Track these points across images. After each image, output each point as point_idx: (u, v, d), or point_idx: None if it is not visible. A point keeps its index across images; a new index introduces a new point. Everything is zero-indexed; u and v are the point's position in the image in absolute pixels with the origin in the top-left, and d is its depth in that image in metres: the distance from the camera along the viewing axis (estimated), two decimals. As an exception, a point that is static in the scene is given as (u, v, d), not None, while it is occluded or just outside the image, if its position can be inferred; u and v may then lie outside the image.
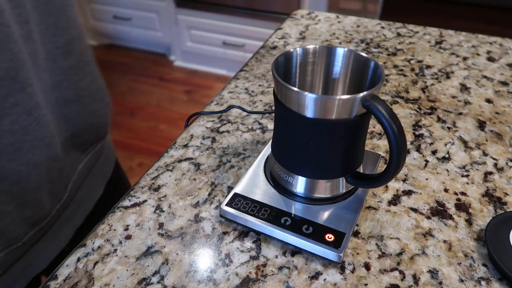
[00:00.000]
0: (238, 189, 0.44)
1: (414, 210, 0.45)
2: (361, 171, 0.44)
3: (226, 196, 0.43)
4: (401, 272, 0.38)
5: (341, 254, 0.38)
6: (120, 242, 0.41)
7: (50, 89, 0.49)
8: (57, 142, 0.50)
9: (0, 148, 0.42)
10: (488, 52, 0.78)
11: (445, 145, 0.54)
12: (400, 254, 0.40)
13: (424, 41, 0.82)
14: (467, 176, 0.49)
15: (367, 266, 0.39)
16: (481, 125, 0.58)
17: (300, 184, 0.42)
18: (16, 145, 0.43)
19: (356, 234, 0.42)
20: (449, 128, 0.58)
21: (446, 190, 0.47)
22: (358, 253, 0.40)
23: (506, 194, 0.47)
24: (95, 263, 0.39)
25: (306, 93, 0.35)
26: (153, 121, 2.12)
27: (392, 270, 0.39)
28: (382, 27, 0.88)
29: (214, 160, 0.51)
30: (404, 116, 0.60)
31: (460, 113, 0.61)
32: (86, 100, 0.56)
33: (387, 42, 0.82)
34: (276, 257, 0.40)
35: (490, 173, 0.50)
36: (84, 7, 2.62)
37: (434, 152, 0.53)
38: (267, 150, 0.49)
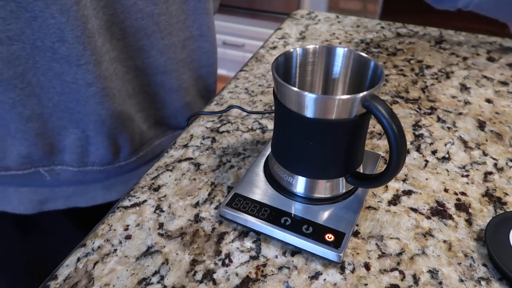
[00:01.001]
0: (238, 189, 0.44)
1: (414, 210, 0.45)
2: (361, 171, 0.44)
3: (226, 196, 0.43)
4: (401, 272, 0.38)
5: (341, 254, 0.38)
6: (120, 242, 0.41)
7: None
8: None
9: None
10: (488, 52, 0.78)
11: (445, 145, 0.55)
12: (400, 254, 0.40)
13: (424, 41, 0.82)
14: (467, 176, 0.49)
15: (367, 266, 0.39)
16: (481, 125, 0.58)
17: (300, 184, 0.42)
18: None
19: (356, 234, 0.42)
20: (449, 128, 0.58)
21: (446, 190, 0.47)
22: (358, 253, 0.40)
23: (506, 194, 0.47)
24: (95, 263, 0.39)
25: (306, 93, 0.35)
26: (153, 121, 2.12)
27: (392, 270, 0.39)
28: (382, 27, 0.88)
29: (214, 160, 0.51)
30: (404, 116, 0.60)
31: (460, 113, 0.61)
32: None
33: (387, 42, 0.82)
34: (276, 257, 0.40)
35: (490, 173, 0.50)
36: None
37: (434, 152, 0.53)
38: (267, 150, 0.49)
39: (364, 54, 0.41)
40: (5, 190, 0.57)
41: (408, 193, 0.47)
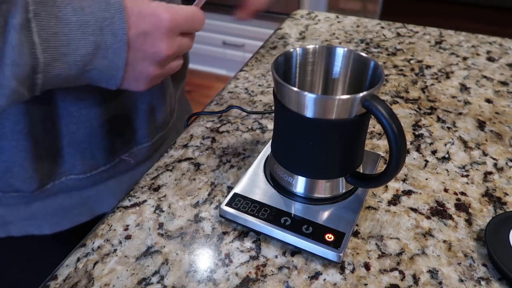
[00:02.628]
0: (238, 189, 0.44)
1: (414, 210, 0.45)
2: (361, 171, 0.44)
3: (226, 196, 0.43)
4: (401, 272, 0.38)
5: (341, 254, 0.38)
6: (120, 242, 0.41)
7: None
8: None
9: None
10: (488, 52, 0.78)
11: (445, 145, 0.55)
12: (400, 254, 0.40)
13: (424, 41, 0.82)
14: (467, 176, 0.49)
15: (367, 266, 0.39)
16: (481, 125, 0.58)
17: (300, 184, 0.42)
18: None
19: (356, 234, 0.42)
20: (449, 128, 0.58)
21: (446, 190, 0.47)
22: (358, 253, 0.40)
23: (506, 194, 0.47)
24: (95, 263, 0.39)
25: (306, 93, 0.35)
26: (153, 121, 2.12)
27: (392, 270, 0.39)
28: (382, 27, 0.88)
29: (214, 160, 0.51)
30: (404, 116, 0.60)
31: (460, 113, 0.61)
32: None
33: (387, 42, 0.82)
34: (276, 257, 0.40)
35: (490, 173, 0.50)
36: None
37: (434, 152, 0.53)
38: (267, 150, 0.49)
39: (364, 54, 0.41)
40: None
41: (408, 193, 0.47)
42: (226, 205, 0.42)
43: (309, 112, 0.37)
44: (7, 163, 0.47)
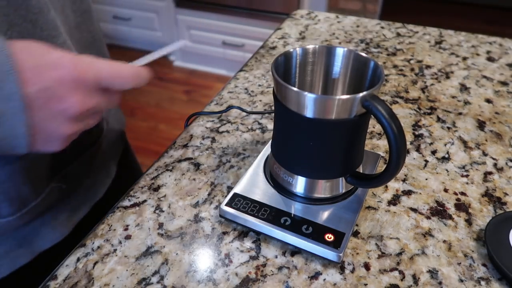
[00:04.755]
0: (238, 189, 0.44)
1: (414, 210, 0.45)
2: (361, 171, 0.44)
3: (226, 196, 0.43)
4: (400, 272, 0.38)
5: (341, 254, 0.38)
6: (120, 242, 0.41)
7: (73, 29, 0.49)
8: None
9: None
10: (488, 52, 0.78)
11: (445, 145, 0.55)
12: (399, 254, 0.40)
13: (423, 41, 0.82)
14: (466, 176, 0.49)
15: (366, 266, 0.39)
16: (481, 125, 0.58)
17: (299, 184, 0.42)
18: None
19: (355, 234, 0.42)
20: (448, 128, 0.58)
21: (445, 190, 0.47)
22: (357, 253, 0.40)
23: (506, 194, 0.47)
24: (95, 263, 0.39)
25: (306, 93, 0.35)
26: (153, 121, 2.12)
27: (391, 270, 0.39)
28: (382, 27, 0.88)
29: (214, 160, 0.51)
30: (403, 116, 0.60)
31: (460, 113, 0.61)
32: (100, 44, 0.56)
33: (386, 42, 0.82)
34: (276, 257, 0.40)
35: (490, 173, 0.50)
36: (83, 7, 2.61)
37: (433, 152, 0.53)
38: (266, 150, 0.49)
39: (364, 54, 0.41)
40: None
41: (408, 193, 0.47)
42: (226, 205, 0.42)
43: (309, 112, 0.37)
44: None
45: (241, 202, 0.42)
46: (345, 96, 0.35)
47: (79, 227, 0.55)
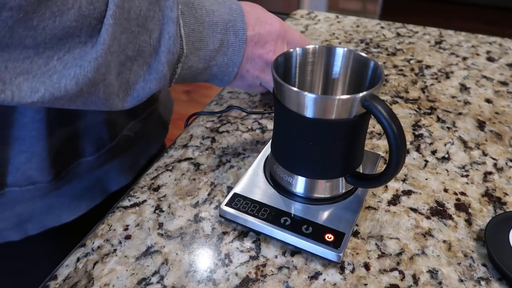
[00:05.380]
0: (238, 189, 0.44)
1: (414, 210, 0.45)
2: (361, 171, 0.44)
3: (226, 196, 0.43)
4: (400, 272, 0.38)
5: (341, 254, 0.38)
6: (120, 242, 0.41)
7: None
8: None
9: None
10: (488, 52, 0.79)
11: (445, 145, 0.55)
12: (399, 254, 0.40)
13: (423, 41, 0.82)
14: (466, 176, 0.49)
15: (366, 266, 0.39)
16: (481, 125, 0.58)
17: (299, 184, 0.42)
18: None
19: (355, 234, 0.42)
20: (448, 128, 0.58)
21: (445, 190, 0.47)
22: (357, 253, 0.40)
23: (506, 194, 0.47)
24: (95, 263, 0.39)
25: (306, 93, 0.35)
26: (153, 121, 2.12)
27: (391, 270, 0.39)
28: (382, 27, 0.88)
29: (214, 160, 0.51)
30: (403, 116, 0.60)
31: (460, 113, 0.61)
32: None
33: (386, 42, 0.82)
34: (276, 257, 0.40)
35: (490, 173, 0.50)
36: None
37: (433, 152, 0.53)
38: (266, 150, 0.49)
39: (363, 54, 0.41)
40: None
41: (407, 193, 0.47)
42: (226, 205, 0.42)
43: (309, 112, 0.37)
44: (26, 153, 0.48)
45: (241, 202, 0.42)
46: (345, 96, 0.35)
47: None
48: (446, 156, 0.53)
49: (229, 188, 0.47)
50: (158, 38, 0.38)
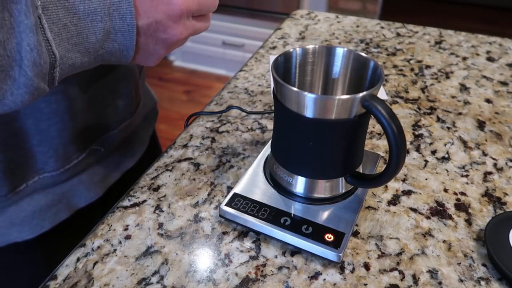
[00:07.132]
0: (238, 189, 0.44)
1: (414, 210, 0.45)
2: (361, 171, 0.44)
3: (226, 196, 0.43)
4: (400, 272, 0.38)
5: (341, 254, 0.38)
6: (120, 242, 0.41)
7: None
8: None
9: None
10: (488, 52, 0.79)
11: (445, 145, 0.55)
12: (399, 254, 0.40)
13: (423, 41, 0.82)
14: (466, 176, 0.49)
15: (366, 266, 0.39)
16: (481, 125, 0.58)
17: (299, 184, 0.42)
18: None
19: (355, 234, 0.42)
20: (448, 128, 0.58)
21: (445, 190, 0.47)
22: (357, 253, 0.40)
23: (506, 194, 0.47)
24: (95, 263, 0.39)
25: (306, 93, 0.35)
26: (153, 121, 2.12)
27: (391, 270, 0.39)
28: (382, 27, 0.88)
29: (214, 160, 0.51)
30: (403, 116, 0.60)
31: (460, 113, 0.61)
32: None
33: (386, 42, 0.82)
34: (276, 257, 0.40)
35: (490, 173, 0.50)
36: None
37: (433, 152, 0.53)
38: (266, 150, 0.49)
39: (363, 54, 0.41)
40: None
41: (407, 193, 0.47)
42: (226, 205, 0.42)
43: (309, 112, 0.37)
44: None
45: (241, 202, 0.42)
46: (345, 96, 0.35)
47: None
48: (446, 156, 0.53)
49: (229, 188, 0.47)
50: (17, 49, 0.32)
